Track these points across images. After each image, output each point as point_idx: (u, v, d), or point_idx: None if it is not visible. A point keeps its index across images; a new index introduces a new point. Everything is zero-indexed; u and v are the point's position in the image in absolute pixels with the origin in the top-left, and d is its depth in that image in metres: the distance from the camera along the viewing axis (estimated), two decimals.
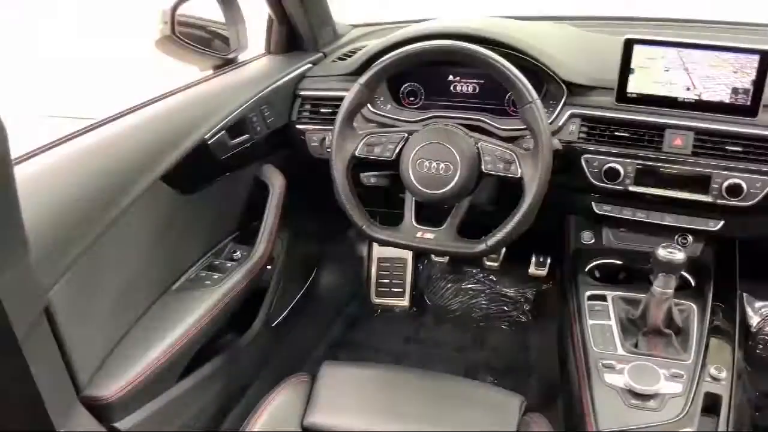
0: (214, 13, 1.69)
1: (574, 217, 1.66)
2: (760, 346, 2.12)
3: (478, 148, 1.30)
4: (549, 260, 2.17)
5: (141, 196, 1.20)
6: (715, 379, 1.19)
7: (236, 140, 1.47)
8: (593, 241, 1.62)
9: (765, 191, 1.33)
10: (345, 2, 2.01)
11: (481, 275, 2.37)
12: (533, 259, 2.21)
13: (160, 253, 1.33)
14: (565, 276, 1.61)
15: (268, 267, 1.62)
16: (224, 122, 1.43)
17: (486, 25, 1.52)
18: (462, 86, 1.57)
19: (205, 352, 1.38)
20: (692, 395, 1.16)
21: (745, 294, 2.17)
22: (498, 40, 1.44)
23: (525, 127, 1.28)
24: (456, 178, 1.28)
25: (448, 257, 2.28)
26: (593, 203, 1.52)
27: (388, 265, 2.34)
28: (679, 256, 1.22)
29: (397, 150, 1.34)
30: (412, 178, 1.31)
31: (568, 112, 1.44)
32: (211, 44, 1.71)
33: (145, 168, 1.23)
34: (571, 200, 1.55)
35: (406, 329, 2.22)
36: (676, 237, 1.55)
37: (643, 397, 1.15)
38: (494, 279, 2.35)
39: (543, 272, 2.21)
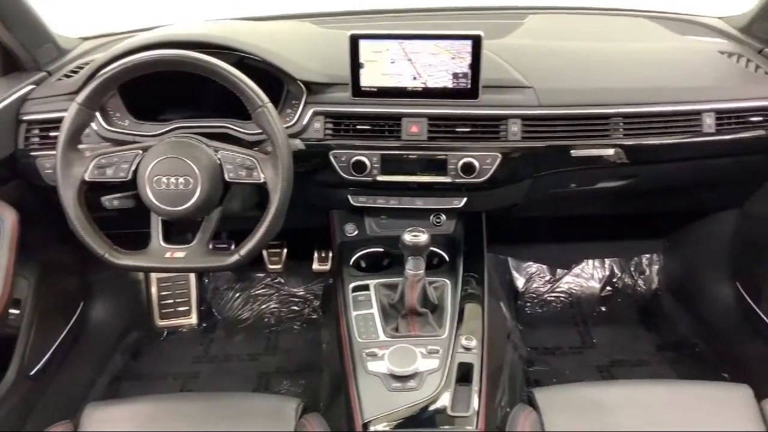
0: None
1: (338, 211, 1.69)
2: (528, 305, 2.33)
3: (218, 157, 1.27)
4: (331, 254, 2.20)
5: None
6: (466, 348, 1.26)
7: None
8: (357, 232, 1.66)
9: (495, 167, 1.44)
10: (71, 14, 1.86)
11: (269, 279, 2.35)
12: (315, 255, 2.22)
13: None
14: (334, 270, 1.64)
15: (14, 312, 1.46)
16: None
17: (217, 31, 1.49)
18: (204, 92, 1.52)
19: None
20: (447, 368, 1.22)
21: (510, 258, 2.37)
22: (229, 45, 1.41)
23: None
24: (198, 192, 1.23)
25: None
26: (349, 196, 1.56)
27: (169, 284, 2.23)
28: (423, 237, 1.28)
29: (133, 168, 1.26)
30: (151, 196, 1.24)
31: (311, 111, 1.45)
32: None
33: None
34: (329, 196, 1.58)
35: (195, 349, 2.14)
36: (431, 217, 1.63)
37: (403, 378, 1.19)
38: (282, 281, 2.34)
39: (327, 267, 2.23)
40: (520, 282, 2.35)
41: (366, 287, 1.46)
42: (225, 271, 2.00)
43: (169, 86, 1.44)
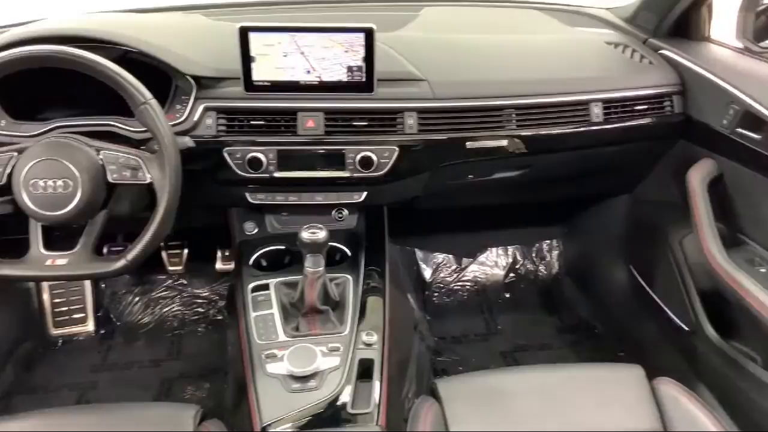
0: None
1: (236, 209, 1.64)
2: (436, 294, 2.35)
3: (101, 157, 1.20)
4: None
5: None
6: (367, 344, 1.26)
7: None
8: (257, 230, 1.62)
9: (393, 160, 1.44)
10: None
11: (171, 280, 2.27)
12: (219, 254, 2.16)
13: None
14: (235, 271, 1.60)
15: None
16: None
17: (98, 24, 1.41)
18: (89, 89, 1.44)
19: None
20: (347, 365, 1.21)
21: (417, 250, 2.38)
22: (110, 39, 1.34)
23: None
24: (78, 195, 1.16)
25: None
26: (247, 194, 1.51)
27: (62, 290, 2.11)
28: (321, 234, 1.26)
29: (8, 172, 1.18)
30: (28, 201, 1.16)
31: (201, 107, 1.39)
32: None
33: None
34: (226, 194, 1.53)
35: (92, 357, 2.04)
36: (333, 212, 1.62)
37: (303, 378, 1.17)
38: (185, 282, 2.27)
39: (231, 266, 2.17)
40: (427, 273, 2.37)
41: (266, 287, 1.42)
42: (111, 277, 1.91)
43: (51, 83, 1.36)
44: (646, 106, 1.57)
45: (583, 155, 1.61)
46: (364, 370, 1.21)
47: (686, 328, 1.63)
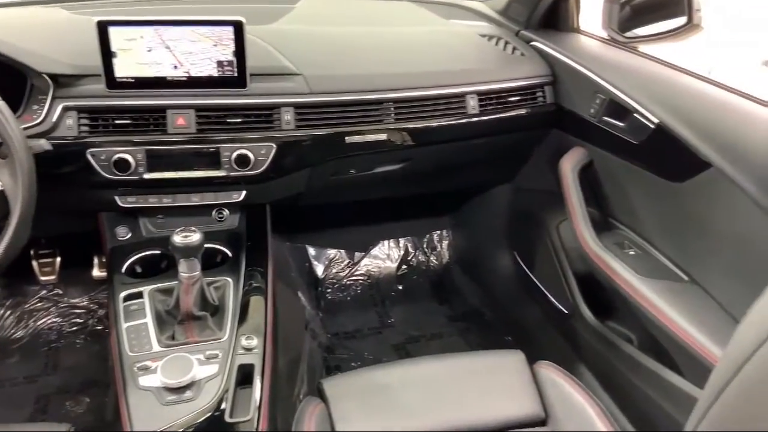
0: None
1: (107, 213, 1.55)
2: (329, 290, 2.33)
3: None
4: None
5: None
6: (247, 349, 1.21)
7: None
8: (130, 235, 1.53)
9: (270, 158, 1.40)
10: None
11: (44, 291, 2.12)
12: (96, 261, 2.04)
13: None
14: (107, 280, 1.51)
15: None
16: None
17: None
18: None
19: None
20: (226, 372, 1.16)
21: (308, 246, 2.35)
22: None
23: None
24: None
25: None
26: (116, 197, 1.43)
27: None
28: (195, 237, 1.21)
29: None
30: None
31: (60, 106, 1.30)
32: None
33: None
34: (93, 198, 1.44)
35: None
36: (213, 213, 1.56)
37: (179, 390, 1.11)
38: (60, 292, 2.13)
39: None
40: (319, 269, 2.35)
41: (139, 295, 1.34)
42: None
43: None
44: (519, 98, 1.61)
45: (462, 147, 1.63)
46: (245, 376, 1.17)
47: (566, 312, 1.69)
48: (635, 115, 1.40)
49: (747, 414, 0.51)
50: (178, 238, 1.20)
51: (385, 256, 2.43)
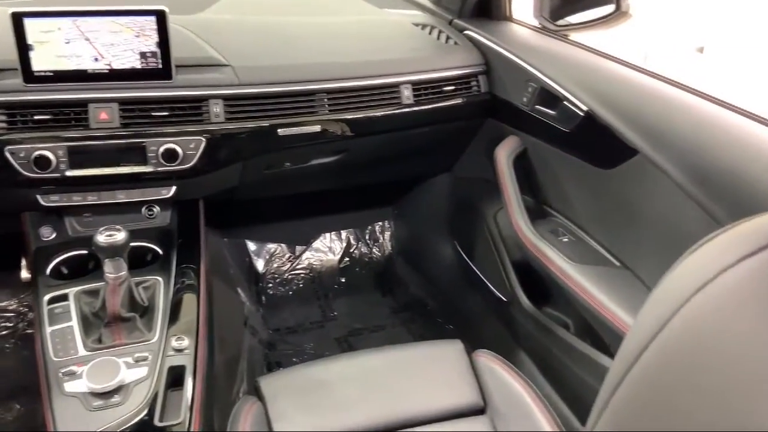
0: None
1: (30, 213, 1.49)
2: (270, 285, 2.29)
3: None
4: None
5: None
6: (177, 350, 1.18)
7: None
8: (55, 235, 1.47)
9: (200, 152, 1.36)
10: None
11: None
12: (24, 263, 1.96)
13: None
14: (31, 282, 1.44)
15: None
16: None
17: None
18: None
19: None
20: (155, 375, 1.13)
21: (247, 241, 2.31)
22: None
23: None
24: None
25: None
26: (38, 196, 1.37)
27: None
28: (120, 236, 1.16)
29: None
30: None
31: None
32: None
33: None
34: (13, 198, 1.38)
35: None
36: (143, 210, 1.51)
37: (106, 395, 1.07)
38: None
39: None
40: (260, 264, 2.31)
41: (64, 297, 1.29)
42: None
43: None
44: (454, 87, 1.61)
45: (398, 137, 1.62)
46: (176, 378, 1.14)
47: (505, 300, 1.71)
48: (565, 103, 1.41)
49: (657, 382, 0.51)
50: (101, 238, 1.16)
51: (327, 249, 2.41)
